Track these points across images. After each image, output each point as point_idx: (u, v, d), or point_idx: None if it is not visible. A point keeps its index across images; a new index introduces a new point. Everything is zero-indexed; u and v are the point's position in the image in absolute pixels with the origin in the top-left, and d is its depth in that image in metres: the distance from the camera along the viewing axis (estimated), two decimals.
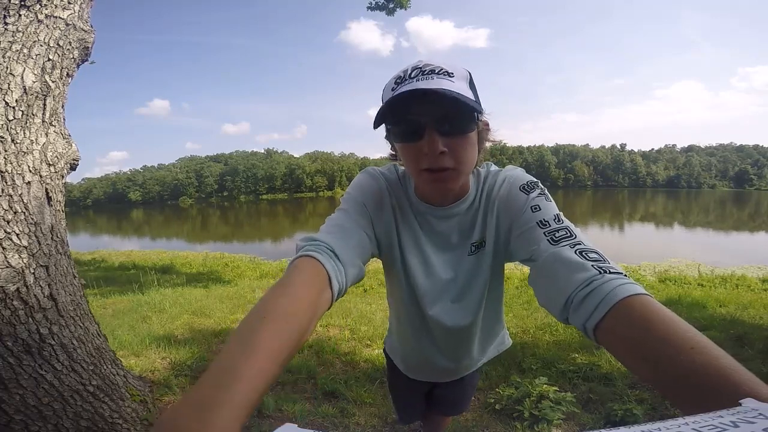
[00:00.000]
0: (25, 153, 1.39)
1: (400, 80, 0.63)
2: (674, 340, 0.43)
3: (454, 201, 0.76)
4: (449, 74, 0.62)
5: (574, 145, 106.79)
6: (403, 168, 0.80)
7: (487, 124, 0.72)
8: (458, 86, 0.62)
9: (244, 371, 0.39)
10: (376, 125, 0.65)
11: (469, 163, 0.68)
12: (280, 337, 0.44)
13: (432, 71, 0.62)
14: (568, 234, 0.62)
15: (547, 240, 0.62)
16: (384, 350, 1.18)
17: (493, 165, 0.82)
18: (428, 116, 0.62)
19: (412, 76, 0.62)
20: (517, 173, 0.76)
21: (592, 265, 0.55)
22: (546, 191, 0.72)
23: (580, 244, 0.60)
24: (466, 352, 0.94)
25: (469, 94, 0.63)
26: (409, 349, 1.00)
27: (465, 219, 0.78)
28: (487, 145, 0.75)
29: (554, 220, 0.65)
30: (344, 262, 0.60)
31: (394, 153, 0.76)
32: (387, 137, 0.73)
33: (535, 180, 0.74)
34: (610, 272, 0.53)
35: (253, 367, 0.40)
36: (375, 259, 0.83)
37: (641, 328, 0.45)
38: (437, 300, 0.82)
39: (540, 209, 0.68)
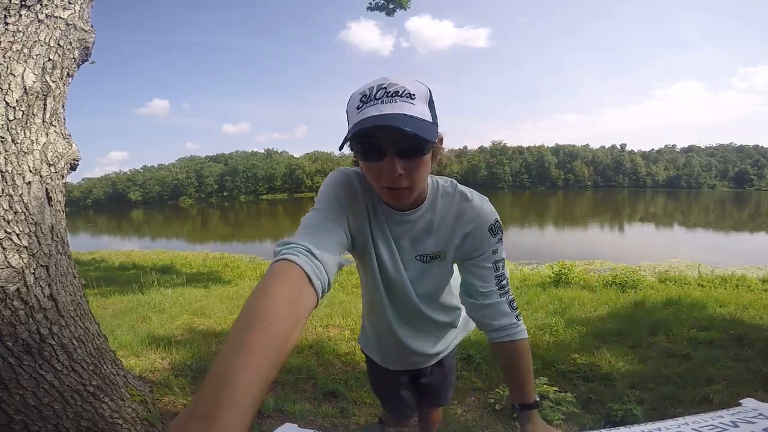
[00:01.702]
0: (25, 153, 1.39)
1: (365, 98, 0.68)
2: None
3: (410, 208, 0.84)
4: (411, 96, 0.67)
5: (574, 146, 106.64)
6: None
7: (441, 140, 0.78)
8: (419, 109, 0.67)
9: (242, 375, 0.41)
10: (342, 148, 0.71)
11: (423, 180, 0.76)
12: (268, 341, 0.46)
13: (396, 93, 0.66)
14: (507, 283, 0.87)
15: (497, 287, 0.86)
16: (361, 350, 1.21)
17: (458, 185, 0.89)
18: (389, 141, 0.67)
19: (377, 96, 0.67)
20: (486, 210, 0.85)
21: (515, 315, 0.87)
22: (502, 232, 0.87)
23: (510, 294, 0.88)
24: (435, 337, 1.06)
25: (428, 115, 0.69)
26: (384, 337, 1.04)
27: (417, 227, 0.86)
28: (440, 158, 0.82)
29: (502, 265, 0.87)
30: (322, 260, 0.62)
31: (356, 161, 0.81)
32: (351, 148, 0.76)
33: (498, 219, 0.86)
34: (518, 318, 0.88)
35: (250, 370, 0.42)
36: None
37: (508, 357, 0.87)
38: (401, 289, 0.91)
39: (497, 252, 0.86)
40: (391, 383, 1.18)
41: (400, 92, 0.66)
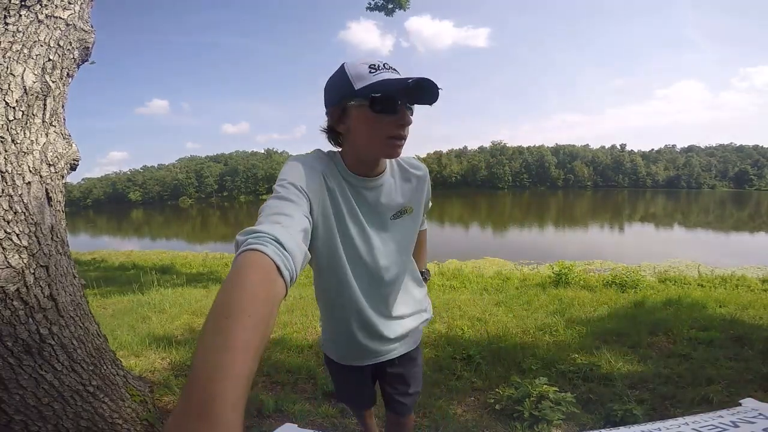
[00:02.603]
0: (25, 153, 1.39)
1: (375, 67, 0.82)
2: None
3: (379, 173, 0.95)
4: (397, 71, 0.85)
5: (574, 146, 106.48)
6: (327, 151, 0.94)
7: None
8: None
9: (231, 367, 0.40)
10: (361, 98, 0.81)
11: None
12: (251, 332, 0.45)
13: (392, 67, 0.85)
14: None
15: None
16: (324, 356, 1.21)
17: None
18: (405, 98, 0.82)
19: (385, 67, 0.83)
20: (422, 163, 1.07)
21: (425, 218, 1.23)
22: None
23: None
24: (403, 301, 1.10)
25: None
26: (353, 328, 1.04)
27: (387, 188, 0.97)
28: None
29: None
30: (290, 250, 0.60)
31: (331, 126, 0.90)
32: (339, 110, 0.86)
33: None
34: (425, 217, 1.22)
35: (237, 362, 0.41)
36: None
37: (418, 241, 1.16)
38: (376, 256, 0.98)
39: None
40: (354, 379, 1.19)
41: (395, 67, 0.85)
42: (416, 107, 0.88)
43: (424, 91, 0.80)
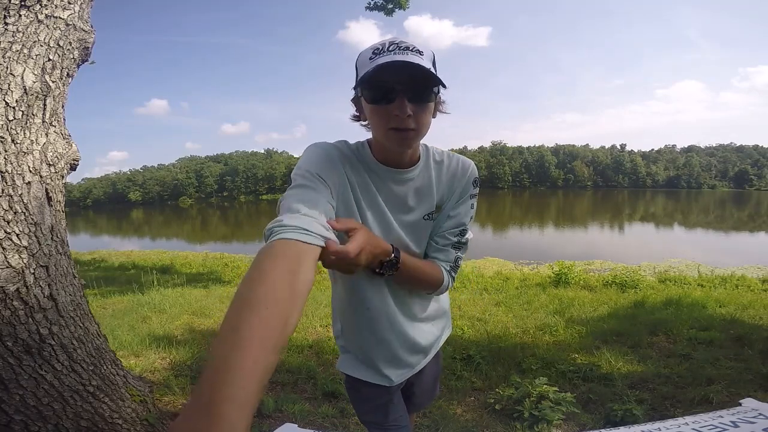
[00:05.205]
0: (25, 153, 1.39)
1: (377, 51, 0.74)
2: None
3: (409, 165, 0.86)
4: (420, 52, 0.74)
5: (574, 146, 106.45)
6: (355, 142, 0.88)
7: (441, 100, 0.84)
8: (425, 64, 0.73)
9: (242, 365, 0.39)
10: (357, 88, 0.77)
11: (427, 127, 0.79)
12: (267, 326, 0.44)
13: (407, 48, 0.73)
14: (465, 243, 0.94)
15: (455, 242, 0.92)
16: (345, 376, 1.01)
17: (443, 149, 0.95)
18: (401, 84, 0.72)
19: (389, 49, 0.73)
20: (474, 165, 0.94)
21: (448, 269, 0.93)
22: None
23: (460, 256, 0.95)
24: (428, 306, 1.01)
25: (433, 71, 0.75)
26: (381, 337, 0.92)
27: (419, 183, 0.88)
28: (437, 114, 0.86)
29: (469, 219, 0.93)
30: (316, 232, 0.60)
31: (357, 115, 0.84)
32: (356, 100, 0.82)
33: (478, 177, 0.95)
34: (448, 274, 0.93)
35: (249, 359, 0.40)
36: None
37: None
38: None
39: (473, 207, 0.93)
40: (387, 401, 1.00)
41: (410, 47, 0.73)
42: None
43: (408, 77, 0.71)
